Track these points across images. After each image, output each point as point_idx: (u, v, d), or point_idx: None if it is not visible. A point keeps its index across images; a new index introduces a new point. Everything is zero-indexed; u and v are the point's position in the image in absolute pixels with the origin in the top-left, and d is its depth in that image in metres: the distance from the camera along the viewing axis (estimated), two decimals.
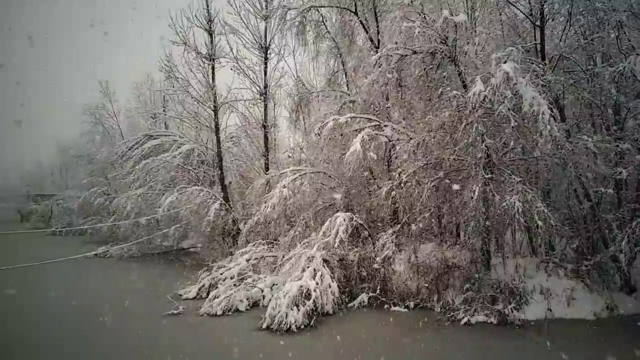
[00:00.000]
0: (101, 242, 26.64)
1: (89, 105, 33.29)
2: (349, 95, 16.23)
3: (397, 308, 11.30)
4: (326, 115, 14.82)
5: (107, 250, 22.55)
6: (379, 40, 14.83)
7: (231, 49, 19.17)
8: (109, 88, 33.06)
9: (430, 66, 12.14)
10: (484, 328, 9.67)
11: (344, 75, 17.86)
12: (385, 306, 11.41)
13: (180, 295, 13.26)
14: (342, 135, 13.41)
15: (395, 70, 12.44)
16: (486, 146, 10.40)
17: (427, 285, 11.50)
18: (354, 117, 13.53)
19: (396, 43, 12.34)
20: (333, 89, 17.56)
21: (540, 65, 10.84)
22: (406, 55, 12.23)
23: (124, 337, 9.47)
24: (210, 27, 18.90)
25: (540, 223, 9.48)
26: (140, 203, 20.54)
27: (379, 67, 12.53)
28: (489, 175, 10.41)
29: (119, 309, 11.92)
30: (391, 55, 12.31)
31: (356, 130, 13.18)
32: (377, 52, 13.20)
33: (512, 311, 9.97)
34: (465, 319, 10.00)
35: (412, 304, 11.34)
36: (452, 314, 10.38)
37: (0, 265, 14.70)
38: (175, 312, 11.35)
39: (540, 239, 10.11)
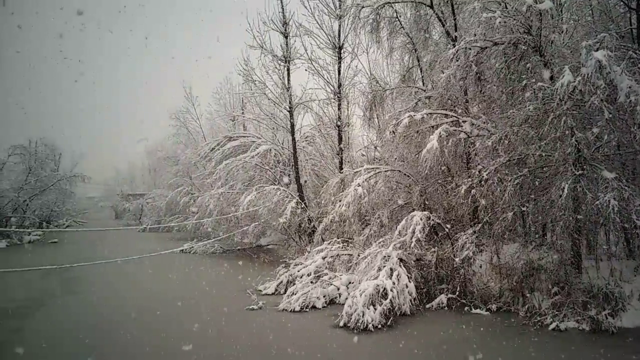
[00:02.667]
0: (186, 238, 28.33)
1: (174, 109, 35.45)
2: (424, 91, 15.87)
3: (478, 310, 10.89)
4: (401, 112, 14.61)
5: (192, 247, 23.89)
6: (456, 34, 14.35)
7: (305, 50, 19.53)
8: (192, 93, 35.05)
9: (513, 58, 11.55)
10: (574, 335, 9.04)
11: (419, 71, 17.48)
12: (466, 308, 11.03)
13: (260, 290, 13.73)
14: (417, 132, 13.15)
15: (474, 64, 11.96)
16: (576, 140, 9.70)
17: (510, 287, 10.97)
18: (430, 113, 13.21)
19: (475, 35, 11.88)
20: (408, 86, 17.23)
21: (637, 52, 9.91)
22: (486, 48, 11.72)
23: (211, 329, 9.94)
24: (285, 30, 19.33)
25: (639, 223, 8.69)
26: (222, 202, 21.48)
27: (457, 61, 12.11)
28: (580, 172, 9.70)
29: (204, 302, 12.58)
30: (470, 48, 11.85)
31: (433, 126, 12.87)
32: (455, 46, 12.77)
33: (607, 317, 9.21)
34: (554, 325, 9.40)
35: (494, 307, 10.87)
36: (538, 318, 9.80)
37: (105, 259, 16.17)
38: (255, 307, 11.76)
39: (638, 240, 9.26)
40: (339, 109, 19.89)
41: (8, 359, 8.18)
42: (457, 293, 11.36)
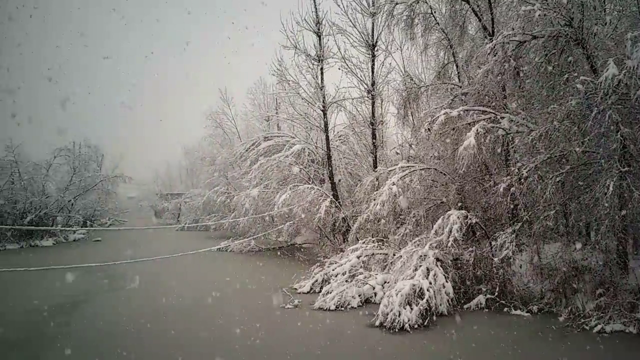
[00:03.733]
0: (223, 237, 28.85)
1: (210, 110, 36.15)
2: (460, 87, 15.56)
3: (518, 312, 10.63)
4: (436, 109, 14.40)
5: (229, 245, 24.31)
6: (493, 28, 14.02)
7: (339, 49, 19.49)
8: (228, 94, 35.65)
9: (553, 51, 11.16)
10: (621, 338, 8.69)
11: (454, 67, 17.16)
12: (505, 309, 10.78)
13: (295, 289, 13.85)
14: (454, 129, 12.93)
15: (512, 58, 11.66)
16: (622, 136, 9.31)
17: (552, 288, 10.66)
18: (467, 109, 12.96)
19: (513, 29, 11.57)
20: (443, 82, 16.95)
21: None
22: (525, 42, 11.40)
23: (248, 326, 10.10)
24: (318, 29, 19.36)
25: None
26: (257, 201, 21.73)
27: (494, 55, 11.85)
28: (626, 168, 9.31)
29: (241, 299, 12.82)
30: (508, 43, 11.57)
31: (469, 123, 12.62)
32: (492, 41, 12.48)
33: None
34: (599, 327, 9.07)
35: (535, 308, 10.59)
36: (582, 321, 9.48)
37: (146, 256, 16.68)
38: (291, 305, 11.88)
39: None
40: (372, 107, 19.78)
41: (60, 350, 8.56)
42: (496, 293, 11.11)
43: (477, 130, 11.70)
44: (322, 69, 19.83)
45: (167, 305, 12.39)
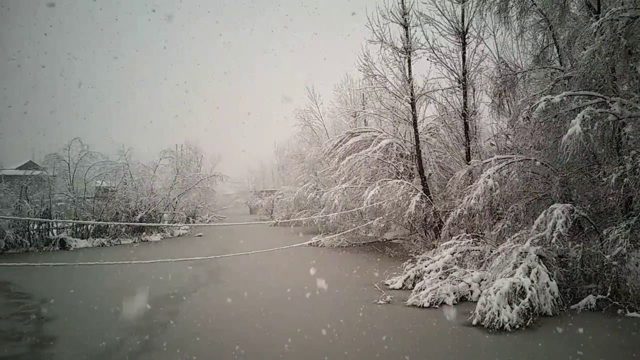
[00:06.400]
0: (314, 232, 29.49)
1: (299, 109, 37.06)
2: (562, 71, 14.43)
3: (634, 314, 9.67)
4: (535, 96, 13.50)
5: (319, 240, 24.79)
6: (599, 5, 12.80)
7: (427, 39, 18.96)
8: (315, 92, 36.29)
9: None
10: None
11: (555, 50, 15.92)
12: (619, 311, 9.86)
13: (387, 285, 13.77)
14: (556, 116, 12.02)
15: (622, 37, 10.56)
16: None
17: None
18: (570, 95, 11.97)
19: (622, 4, 10.49)
20: (543, 67, 15.80)
21: None
22: (637, 17, 10.28)
23: (342, 321, 10.24)
24: (405, 21, 18.98)
25: None
26: (346, 196, 21.91)
27: (601, 35, 10.82)
28: None
29: (334, 294, 13.01)
30: (617, 20, 10.51)
31: (574, 109, 11.65)
32: (597, 19, 11.41)
33: None
34: None
35: None
36: None
37: (243, 251, 17.60)
38: (383, 301, 11.83)
39: None
40: (464, 97, 19.01)
41: (170, 335, 9.32)
42: (609, 294, 10.19)
43: (583, 116, 10.76)
44: (409, 60, 19.42)
45: (265, 297, 12.92)
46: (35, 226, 26.88)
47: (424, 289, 11.89)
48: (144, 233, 31.58)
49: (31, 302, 13.13)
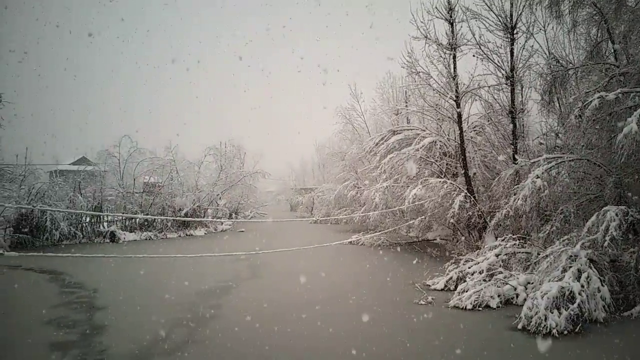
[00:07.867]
0: (354, 230, 29.45)
1: (340, 107, 37.06)
2: (618, 67, 13.69)
3: None
4: (588, 93, 12.87)
5: (360, 238, 24.71)
6: None
7: (473, 35, 18.46)
8: (357, 89, 36.16)
9: None
10: None
11: (610, 45, 15.12)
12: None
13: (429, 285, 13.56)
14: (610, 114, 11.46)
15: None
16: None
17: None
18: (627, 92, 11.37)
19: None
20: (596, 63, 15.04)
21: None
22: None
23: (381, 319, 10.19)
24: (450, 16, 18.58)
25: None
26: (387, 195, 21.72)
27: None
28: None
29: (374, 293, 12.96)
30: None
31: (630, 107, 11.07)
32: None
33: None
34: None
35: None
36: None
37: (284, 247, 17.82)
38: (424, 302, 11.67)
39: None
40: (512, 94, 18.39)
41: (213, 328, 9.56)
42: None
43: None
44: (454, 57, 18.98)
45: (305, 294, 13.02)
46: (88, 219, 28.24)
47: (467, 291, 11.63)
48: (188, 228, 32.51)
49: (83, 291, 13.78)
